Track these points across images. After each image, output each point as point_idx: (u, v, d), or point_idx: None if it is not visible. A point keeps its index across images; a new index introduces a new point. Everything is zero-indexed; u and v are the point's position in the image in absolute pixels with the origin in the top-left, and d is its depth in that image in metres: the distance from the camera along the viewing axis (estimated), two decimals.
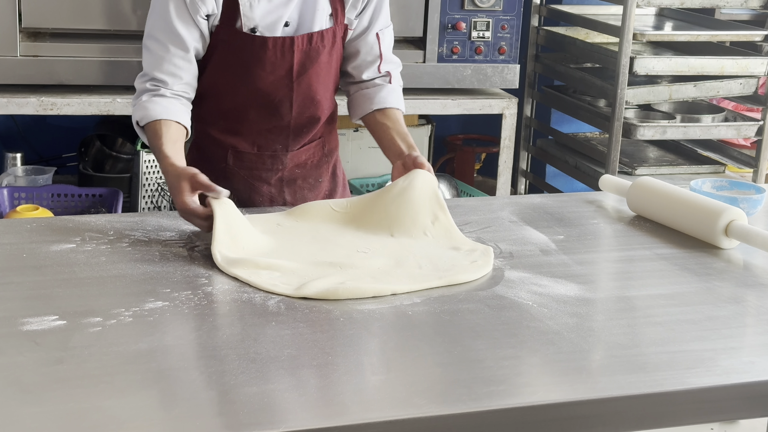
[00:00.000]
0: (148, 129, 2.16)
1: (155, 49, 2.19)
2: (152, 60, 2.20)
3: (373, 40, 2.35)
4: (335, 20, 2.28)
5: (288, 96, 2.29)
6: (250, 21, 2.20)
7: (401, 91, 2.41)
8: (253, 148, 2.33)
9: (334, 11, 2.27)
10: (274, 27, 2.22)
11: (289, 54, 2.24)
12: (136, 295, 1.72)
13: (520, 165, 4.41)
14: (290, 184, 2.40)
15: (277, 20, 2.22)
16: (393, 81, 2.39)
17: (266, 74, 2.25)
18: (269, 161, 2.35)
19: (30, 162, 3.94)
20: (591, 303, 1.78)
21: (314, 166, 2.43)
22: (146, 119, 2.16)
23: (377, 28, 2.35)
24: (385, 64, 2.38)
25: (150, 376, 1.44)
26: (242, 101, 2.28)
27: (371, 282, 1.80)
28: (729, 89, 3.82)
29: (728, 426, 3.38)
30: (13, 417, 1.32)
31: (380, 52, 2.36)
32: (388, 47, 2.39)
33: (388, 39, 2.39)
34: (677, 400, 1.49)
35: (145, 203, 3.69)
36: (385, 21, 2.37)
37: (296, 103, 2.30)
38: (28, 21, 3.36)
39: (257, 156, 2.34)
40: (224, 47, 2.23)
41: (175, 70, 2.19)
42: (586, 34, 4.17)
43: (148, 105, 2.16)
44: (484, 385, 1.46)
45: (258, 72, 2.24)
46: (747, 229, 2.05)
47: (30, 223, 2.07)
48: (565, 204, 2.37)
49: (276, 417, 1.35)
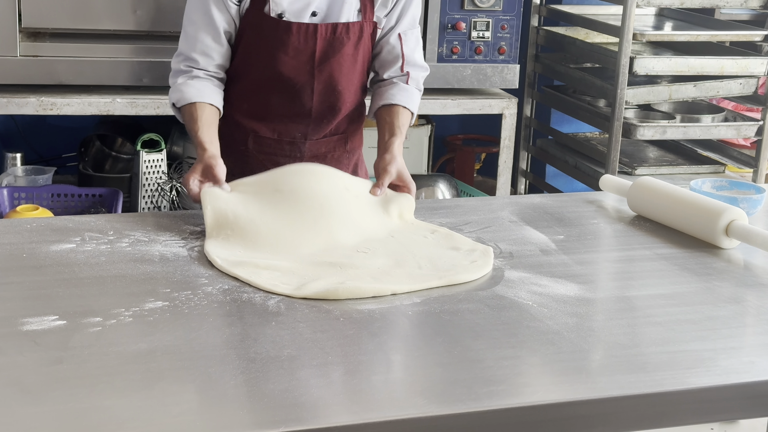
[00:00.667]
0: (185, 111, 2.27)
1: (190, 29, 2.30)
2: (187, 40, 2.30)
3: (395, 40, 2.38)
4: (363, 16, 2.32)
5: (309, 82, 2.33)
6: (278, 6, 2.26)
7: (417, 94, 2.42)
8: (274, 133, 2.39)
9: (363, 8, 2.32)
10: (300, 14, 2.28)
11: (312, 41, 2.29)
12: (136, 295, 1.72)
13: (520, 165, 4.41)
14: None
15: (304, 8, 2.27)
16: (410, 81, 2.40)
17: (289, 59, 2.30)
18: (288, 148, 2.40)
19: (30, 162, 3.94)
20: (591, 303, 1.78)
21: (334, 161, 2.44)
22: (182, 101, 2.27)
23: (400, 28, 2.38)
24: (407, 65, 2.40)
25: (150, 376, 1.44)
26: (265, 85, 2.34)
27: (371, 282, 1.80)
28: (729, 89, 3.81)
29: (728, 426, 3.38)
30: (13, 417, 1.32)
31: (402, 53, 2.38)
32: (412, 49, 2.41)
33: (412, 41, 2.41)
34: (677, 400, 1.49)
35: (145, 203, 3.69)
36: (410, 23, 2.40)
37: (317, 90, 2.34)
38: (28, 21, 3.36)
39: (276, 142, 2.39)
40: (251, 31, 2.29)
41: (208, 50, 2.29)
42: (586, 34, 4.17)
43: (183, 88, 2.28)
44: (484, 385, 1.46)
45: (281, 56, 2.29)
46: (748, 229, 2.05)
47: (30, 223, 2.07)
48: (565, 204, 2.37)
49: (276, 417, 1.35)
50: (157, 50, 3.44)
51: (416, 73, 2.42)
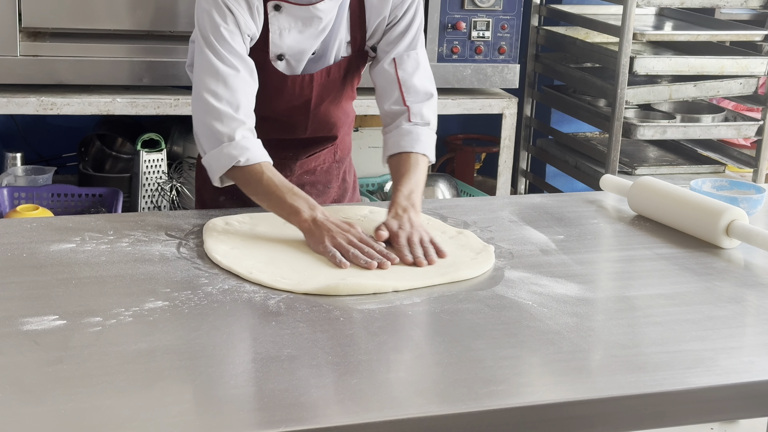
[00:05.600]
0: (253, 170, 2.06)
1: (232, 73, 2.09)
2: (230, 90, 2.08)
3: (389, 65, 2.23)
4: (353, 47, 2.25)
5: (303, 122, 2.29)
6: (277, 48, 2.18)
7: (422, 130, 2.21)
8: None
9: (353, 39, 2.24)
10: (300, 57, 2.21)
11: (308, 90, 2.23)
12: (136, 295, 1.72)
13: (520, 165, 4.41)
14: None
15: (304, 51, 2.20)
16: (411, 118, 2.22)
17: (284, 103, 2.25)
18: (278, 168, 2.33)
19: (30, 162, 3.94)
20: (591, 303, 1.78)
21: (324, 172, 2.42)
22: (253, 161, 2.06)
23: (395, 53, 2.23)
24: (408, 93, 2.22)
25: (150, 376, 1.44)
26: (260, 114, 2.24)
27: (373, 278, 1.80)
28: (729, 89, 3.81)
29: (728, 426, 3.38)
30: (13, 417, 1.32)
31: (397, 78, 2.22)
32: (410, 74, 2.22)
33: (409, 65, 2.23)
34: (677, 400, 1.49)
35: (145, 203, 3.69)
36: (410, 45, 2.23)
37: (311, 126, 2.31)
38: (28, 21, 3.36)
39: None
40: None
41: (252, 98, 2.12)
42: (586, 33, 4.17)
43: (248, 145, 2.06)
44: (484, 385, 1.46)
45: (277, 99, 2.24)
46: (748, 229, 2.05)
47: (30, 223, 2.07)
48: (565, 204, 2.37)
49: (276, 417, 1.35)
50: (157, 50, 3.44)
51: (417, 106, 2.22)
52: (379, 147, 2.31)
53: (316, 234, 1.94)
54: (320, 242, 1.92)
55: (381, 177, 4.03)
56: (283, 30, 2.16)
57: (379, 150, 2.34)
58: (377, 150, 2.41)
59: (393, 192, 2.12)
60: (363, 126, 4.00)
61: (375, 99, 2.31)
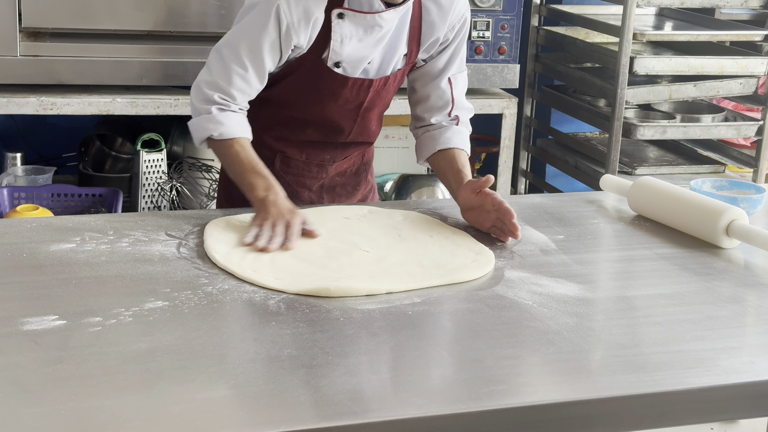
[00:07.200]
0: (225, 144, 2.14)
1: (233, 65, 2.15)
2: (226, 73, 2.15)
3: (445, 85, 2.31)
4: (408, 59, 2.28)
5: (349, 126, 2.32)
6: (336, 56, 2.19)
7: (467, 134, 2.35)
8: (302, 155, 2.35)
9: (409, 52, 2.27)
10: (357, 64, 2.22)
11: (364, 93, 2.26)
12: (136, 295, 1.72)
13: (520, 165, 4.41)
14: (329, 191, 2.42)
15: (362, 59, 2.21)
16: (460, 124, 2.34)
17: (337, 106, 2.26)
18: (315, 170, 2.37)
19: (30, 162, 3.94)
20: (591, 303, 1.78)
21: (353, 174, 2.45)
22: (227, 135, 2.14)
23: (450, 72, 2.31)
24: (456, 110, 2.33)
25: (150, 376, 1.44)
26: (304, 119, 2.29)
27: (368, 280, 1.80)
28: (729, 89, 3.81)
29: (728, 426, 3.38)
30: (13, 417, 1.32)
31: (452, 97, 2.32)
32: (461, 92, 2.35)
33: (461, 84, 2.35)
34: (677, 400, 1.49)
35: (145, 203, 3.69)
36: (460, 66, 2.33)
37: (355, 130, 2.33)
38: (28, 21, 3.36)
39: (305, 164, 2.35)
40: (305, 71, 2.20)
41: (248, 89, 2.17)
42: (586, 34, 4.17)
43: (224, 120, 2.15)
44: (484, 385, 1.46)
45: (329, 103, 2.25)
46: (748, 229, 2.05)
47: (30, 223, 2.07)
48: (565, 204, 2.37)
49: (276, 417, 1.35)
50: (157, 50, 3.44)
51: (465, 115, 2.35)
52: (379, 147, 2.33)
53: (259, 212, 2.04)
54: (254, 219, 2.02)
55: (381, 177, 4.03)
56: (344, 38, 2.17)
57: (379, 150, 2.35)
58: (377, 150, 2.42)
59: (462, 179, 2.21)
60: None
61: (410, 101, 2.38)
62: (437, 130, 2.33)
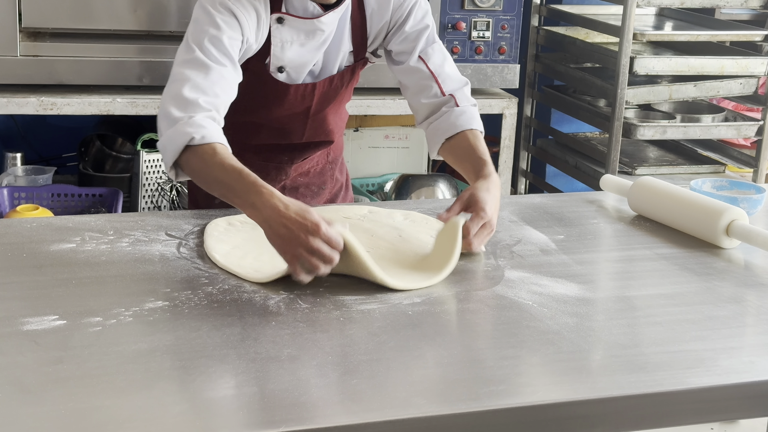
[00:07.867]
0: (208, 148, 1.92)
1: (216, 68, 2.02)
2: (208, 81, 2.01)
3: (417, 62, 2.22)
4: (356, 56, 2.25)
5: (301, 128, 2.30)
6: (278, 60, 2.17)
7: (474, 109, 2.23)
8: (258, 158, 2.32)
9: (355, 48, 2.24)
10: (302, 69, 2.20)
11: (309, 98, 2.24)
12: (136, 295, 1.72)
13: (520, 165, 4.41)
14: (292, 192, 2.38)
15: (305, 63, 2.20)
16: (459, 103, 2.22)
17: (284, 110, 2.25)
18: (274, 172, 2.35)
19: (30, 162, 3.94)
20: (591, 303, 1.78)
21: (317, 174, 2.43)
22: (208, 139, 1.93)
23: (419, 50, 2.22)
24: (445, 83, 2.22)
25: (150, 376, 1.44)
26: (257, 122, 2.28)
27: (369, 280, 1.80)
28: (729, 89, 3.81)
29: (728, 426, 3.38)
30: (13, 417, 1.32)
31: (430, 72, 2.22)
32: (439, 64, 2.23)
33: (436, 57, 2.23)
34: (677, 400, 1.49)
35: (145, 203, 3.69)
36: (428, 41, 2.23)
37: (308, 132, 2.31)
38: (28, 21, 3.36)
39: (262, 166, 2.31)
40: (250, 76, 2.15)
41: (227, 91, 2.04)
42: (586, 34, 4.17)
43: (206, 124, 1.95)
44: (484, 385, 1.46)
45: (276, 108, 2.24)
46: (748, 229, 2.05)
47: (30, 223, 2.07)
48: (565, 204, 2.37)
49: (276, 417, 1.35)
50: (157, 50, 3.44)
51: (460, 90, 2.23)
52: (379, 147, 2.32)
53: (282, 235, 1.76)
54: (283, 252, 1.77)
55: (381, 177, 4.03)
56: (285, 43, 2.15)
57: (379, 150, 2.35)
58: (377, 150, 2.41)
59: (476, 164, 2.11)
60: (363, 126, 3.99)
61: (405, 97, 2.30)
62: (439, 119, 2.24)
